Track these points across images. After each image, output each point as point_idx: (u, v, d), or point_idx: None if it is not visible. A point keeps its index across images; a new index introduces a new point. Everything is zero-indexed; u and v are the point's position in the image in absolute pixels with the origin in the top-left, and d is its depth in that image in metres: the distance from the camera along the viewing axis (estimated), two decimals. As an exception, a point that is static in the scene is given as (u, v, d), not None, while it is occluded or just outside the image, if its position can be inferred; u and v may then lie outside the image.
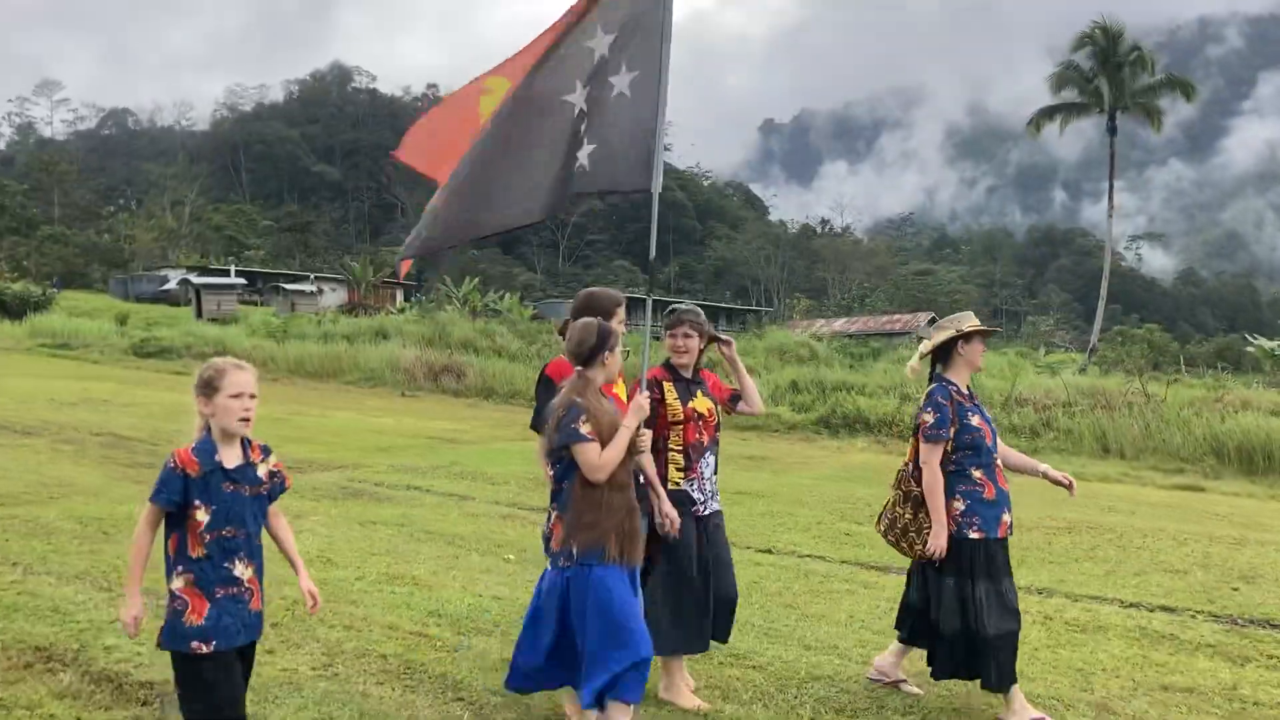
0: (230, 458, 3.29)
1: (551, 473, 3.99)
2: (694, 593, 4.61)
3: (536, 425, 4.43)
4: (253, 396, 3.31)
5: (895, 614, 5.19)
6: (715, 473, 4.83)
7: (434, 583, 6.30)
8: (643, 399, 3.98)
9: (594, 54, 4.51)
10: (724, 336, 5.06)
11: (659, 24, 4.50)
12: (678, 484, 4.64)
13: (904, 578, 5.21)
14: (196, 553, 3.19)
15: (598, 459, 3.72)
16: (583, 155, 4.47)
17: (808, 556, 8.11)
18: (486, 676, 4.69)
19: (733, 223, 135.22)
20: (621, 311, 4.60)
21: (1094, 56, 49.52)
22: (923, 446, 4.82)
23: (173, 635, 3.17)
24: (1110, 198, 51.36)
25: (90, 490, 8.76)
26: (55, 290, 46.49)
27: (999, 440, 5.05)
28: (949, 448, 4.81)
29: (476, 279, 46.79)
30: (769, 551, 8.19)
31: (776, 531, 9.06)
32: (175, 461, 3.20)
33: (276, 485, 3.43)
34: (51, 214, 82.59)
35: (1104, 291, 50.83)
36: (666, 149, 3.92)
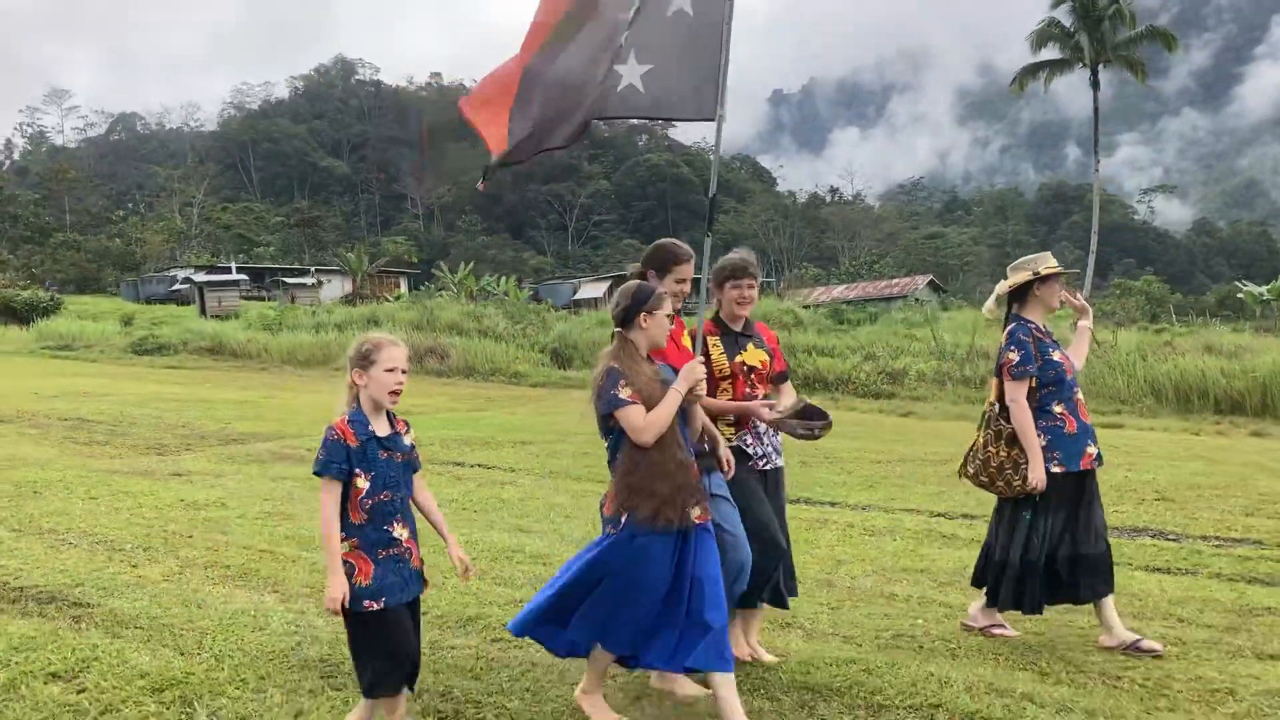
0: (380, 427, 3.49)
1: (606, 444, 3.86)
2: (761, 542, 4.41)
3: None
4: (404, 372, 3.52)
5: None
6: (765, 428, 4.65)
7: (302, 517, 7.28)
8: (696, 363, 3.87)
9: None
10: None
11: None
12: (730, 440, 4.52)
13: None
14: (358, 518, 3.39)
15: (642, 420, 3.63)
16: (629, 73, 4.25)
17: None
18: (310, 577, 5.67)
19: (740, 196, 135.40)
20: (682, 269, 4.38)
21: (1074, 12, 49.89)
22: (1009, 384, 4.94)
23: (348, 597, 3.34)
24: (1095, 151, 51.84)
25: (39, 462, 9.76)
26: (51, 291, 47.76)
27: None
28: (1033, 384, 4.93)
29: (471, 263, 47.76)
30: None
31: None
32: (335, 433, 3.39)
33: (415, 458, 3.61)
34: (64, 221, 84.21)
35: (1093, 245, 51.25)
36: (672, 125, 4.21)
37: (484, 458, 11.01)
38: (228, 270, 58.22)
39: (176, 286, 57.77)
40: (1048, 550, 4.82)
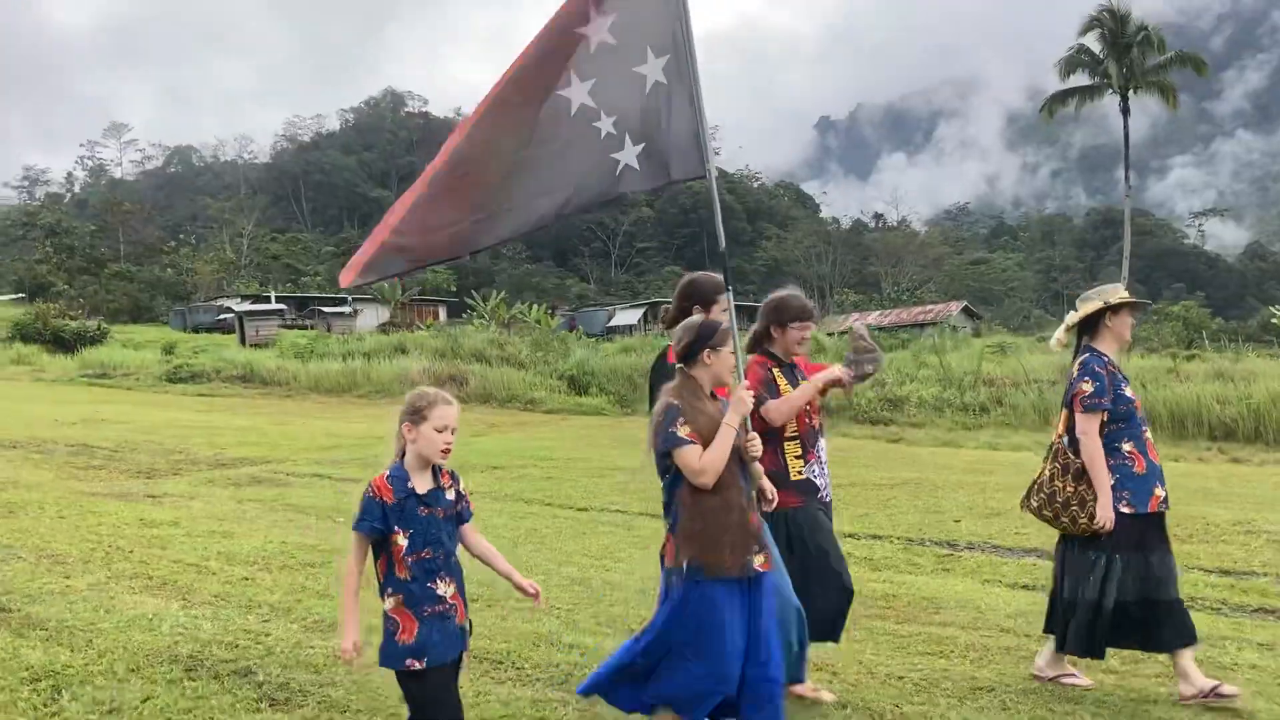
0: (422, 483, 3.46)
1: (663, 483, 3.79)
2: (839, 580, 4.54)
3: None
4: (454, 430, 3.49)
5: None
6: (826, 458, 4.77)
7: (243, 534, 7.89)
8: (743, 392, 3.81)
9: (589, 42, 4.33)
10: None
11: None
12: (800, 473, 4.56)
13: None
14: (403, 574, 3.39)
15: (698, 462, 3.57)
16: (626, 156, 4.33)
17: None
18: (222, 588, 6.26)
19: (782, 223, 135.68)
20: (724, 299, 4.45)
21: (1102, 39, 49.91)
22: (1080, 417, 4.80)
23: (388, 655, 3.39)
24: (1126, 177, 51.79)
25: (31, 485, 10.46)
26: (98, 321, 49.31)
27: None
28: (1104, 419, 4.79)
29: (502, 293, 48.73)
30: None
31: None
32: (373, 490, 3.40)
33: (465, 509, 3.59)
34: (120, 252, 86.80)
35: (1125, 270, 50.94)
36: (715, 153, 4.04)
37: (511, 489, 11.46)
38: (268, 300, 59.78)
39: (222, 316, 59.43)
40: (1117, 595, 4.67)
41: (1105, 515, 4.65)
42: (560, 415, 23.99)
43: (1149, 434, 4.88)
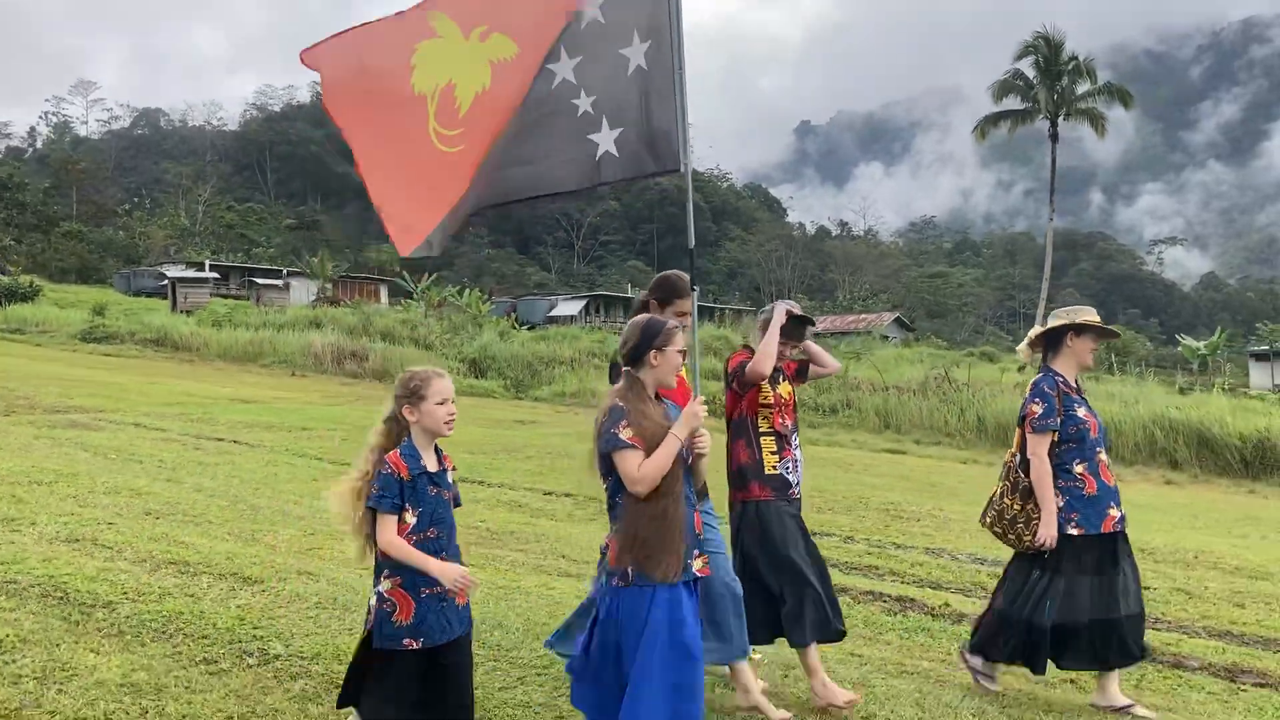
0: (431, 462, 3.51)
1: (604, 486, 3.66)
2: (812, 576, 4.60)
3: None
4: (453, 401, 3.54)
5: None
6: (800, 455, 4.87)
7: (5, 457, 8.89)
8: (697, 406, 3.64)
9: (582, 16, 4.32)
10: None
11: None
12: (774, 469, 4.65)
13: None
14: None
15: (637, 470, 3.43)
16: (604, 140, 4.26)
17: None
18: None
19: (747, 225, 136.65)
20: (684, 302, 4.50)
21: (1036, 65, 51.37)
22: (1030, 437, 4.86)
23: (385, 635, 3.39)
24: (1051, 200, 53.09)
25: None
26: (30, 278, 49.61)
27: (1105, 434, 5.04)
28: (1054, 439, 4.84)
29: (435, 274, 49.82)
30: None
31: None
32: (389, 467, 3.41)
33: (458, 494, 3.65)
34: (72, 211, 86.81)
35: (1044, 292, 52.36)
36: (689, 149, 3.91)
37: (255, 437, 12.58)
38: (201, 267, 60.54)
39: (164, 282, 59.94)
40: (1056, 617, 4.72)
41: (1046, 533, 4.72)
42: (445, 394, 24.95)
43: (1104, 455, 4.92)
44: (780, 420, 4.69)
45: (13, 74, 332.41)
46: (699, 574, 3.63)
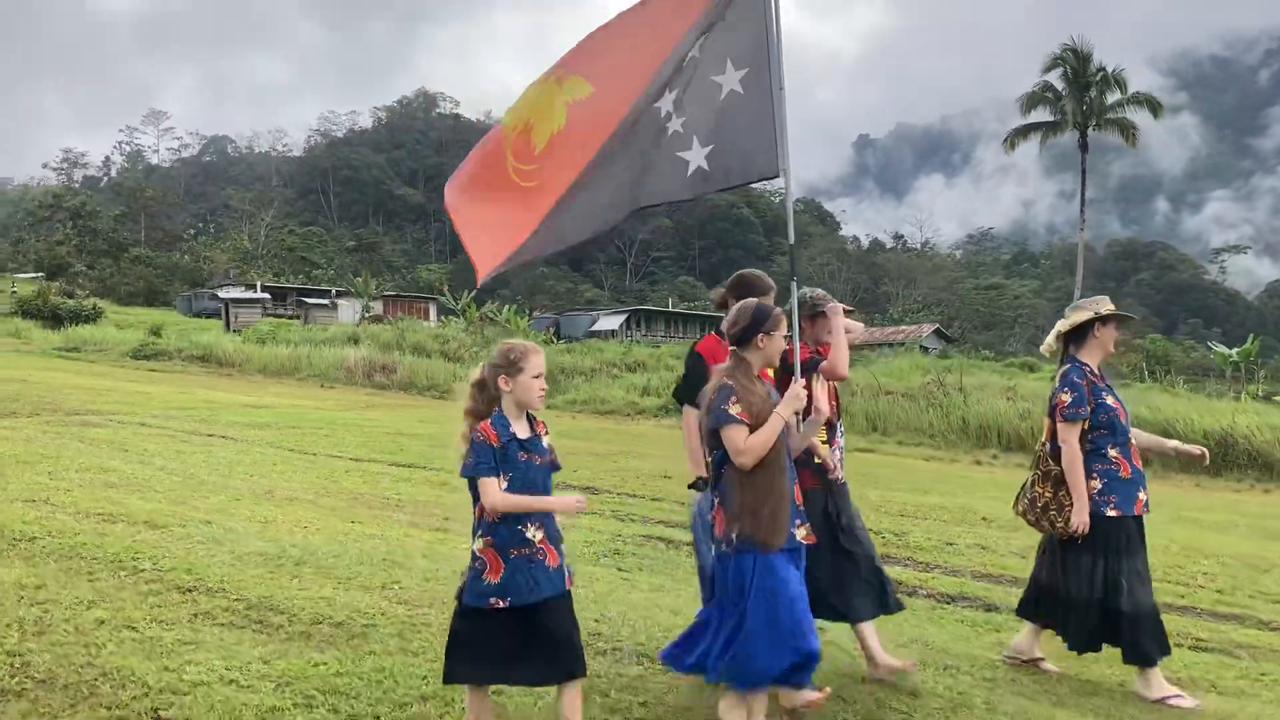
0: (522, 429, 3.64)
1: (710, 459, 3.95)
2: (853, 557, 4.78)
3: (679, 395, 4.85)
4: (546, 376, 3.68)
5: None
6: (844, 443, 5.10)
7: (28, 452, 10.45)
8: (798, 387, 3.93)
9: (685, 56, 4.58)
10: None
11: (760, 12, 4.53)
12: (820, 458, 4.80)
13: None
14: (494, 517, 3.55)
15: (743, 442, 3.70)
16: (695, 157, 4.50)
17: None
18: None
19: (800, 239, 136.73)
20: (767, 300, 4.59)
21: (1064, 77, 51.80)
22: (1060, 425, 5.01)
23: (474, 592, 3.54)
24: (1082, 208, 53.66)
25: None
26: (93, 300, 52.19)
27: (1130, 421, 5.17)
28: (1085, 426, 4.99)
29: (472, 292, 51.38)
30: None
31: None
32: (481, 435, 3.56)
33: (557, 458, 3.75)
34: (140, 237, 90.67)
35: (1077, 296, 52.41)
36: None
37: (243, 434, 14.07)
38: (254, 288, 63.30)
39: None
40: (1112, 598, 4.87)
41: (1080, 520, 4.87)
42: (448, 400, 26.37)
43: (1134, 441, 5.11)
44: (832, 408, 4.89)
45: (88, 105, 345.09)
46: (804, 541, 3.92)
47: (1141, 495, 4.98)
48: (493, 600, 3.50)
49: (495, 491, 3.52)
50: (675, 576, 7.03)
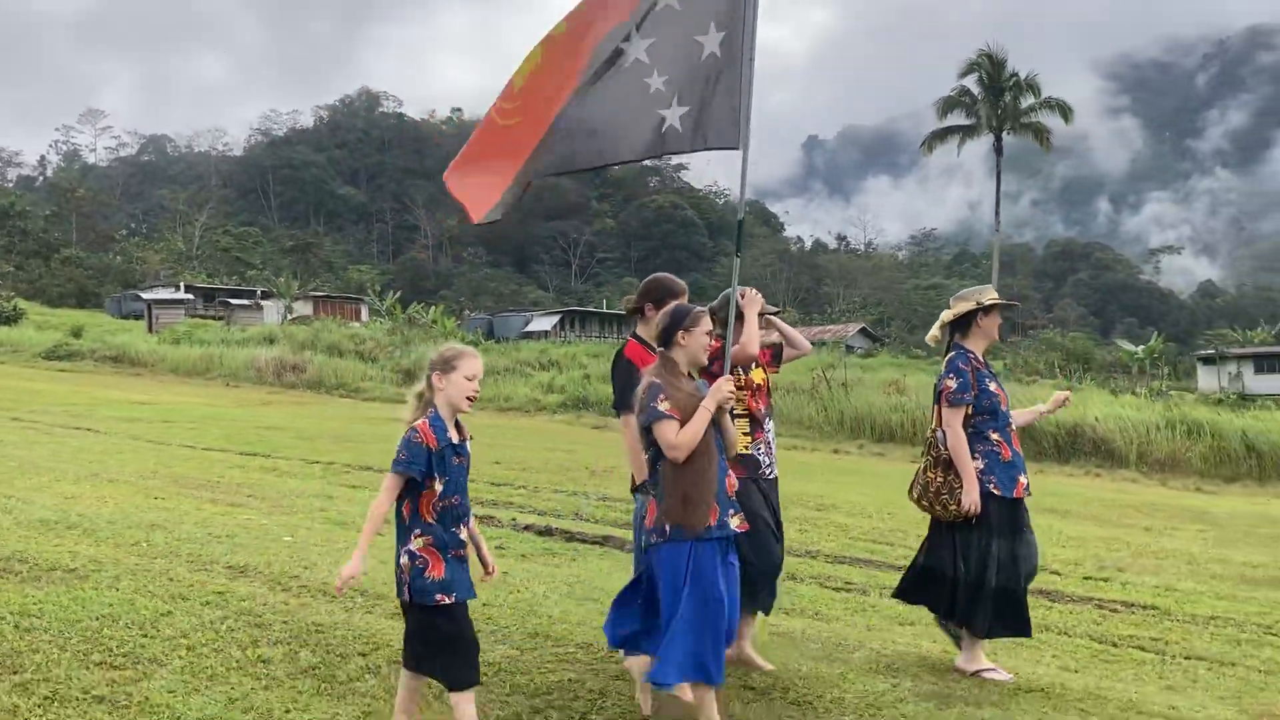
0: (454, 433, 3.70)
1: (646, 456, 4.06)
2: (764, 555, 4.85)
3: (616, 404, 4.82)
4: (480, 380, 3.74)
5: None
6: (774, 439, 5.14)
7: None
8: (725, 381, 4.00)
9: (655, 2, 4.59)
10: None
11: None
12: (745, 449, 4.86)
13: None
14: (429, 518, 3.61)
15: (674, 436, 3.82)
16: (671, 115, 4.52)
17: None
18: None
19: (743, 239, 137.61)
20: (685, 299, 4.72)
21: (980, 82, 53.16)
22: (946, 411, 5.15)
23: (419, 590, 3.59)
24: (997, 211, 54.81)
25: None
26: (14, 302, 51.89)
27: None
28: (969, 412, 5.11)
29: (398, 293, 52.02)
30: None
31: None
32: (419, 435, 3.60)
33: (469, 463, 3.81)
34: (72, 238, 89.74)
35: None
36: (684, 168, 4.92)
37: (109, 427, 14.55)
38: (177, 288, 63.30)
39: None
40: (997, 580, 5.01)
41: (970, 500, 4.99)
42: (367, 399, 26.90)
43: (1014, 428, 5.25)
44: (754, 404, 4.99)
45: (23, 104, 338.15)
46: (738, 529, 4.04)
47: (1022, 479, 5.15)
48: (439, 596, 3.59)
49: (390, 494, 3.59)
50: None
